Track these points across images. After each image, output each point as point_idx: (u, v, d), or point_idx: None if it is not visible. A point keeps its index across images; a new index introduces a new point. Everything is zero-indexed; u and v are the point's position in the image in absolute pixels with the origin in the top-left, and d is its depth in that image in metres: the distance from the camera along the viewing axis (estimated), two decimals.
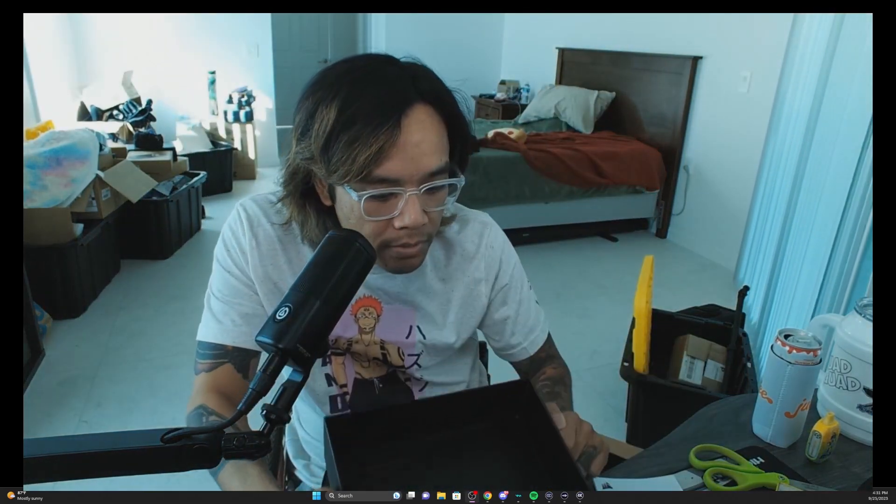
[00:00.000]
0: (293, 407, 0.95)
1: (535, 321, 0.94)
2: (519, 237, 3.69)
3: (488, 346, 1.21)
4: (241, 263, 0.83)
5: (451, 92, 0.72)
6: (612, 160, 3.76)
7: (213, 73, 4.90)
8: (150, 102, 4.55)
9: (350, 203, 0.70)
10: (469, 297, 0.88)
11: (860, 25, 1.80)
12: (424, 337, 0.87)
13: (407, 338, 0.87)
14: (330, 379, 0.90)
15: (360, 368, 0.90)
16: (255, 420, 0.56)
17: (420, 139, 0.67)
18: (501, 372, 1.17)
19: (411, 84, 0.68)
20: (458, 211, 0.89)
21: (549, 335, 0.98)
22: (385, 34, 5.66)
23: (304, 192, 0.75)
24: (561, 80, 5.00)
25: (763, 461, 0.81)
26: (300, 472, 1.01)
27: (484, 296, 0.88)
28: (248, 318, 0.83)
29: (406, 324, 0.86)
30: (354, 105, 0.65)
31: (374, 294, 0.86)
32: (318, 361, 0.89)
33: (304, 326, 0.56)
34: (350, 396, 0.90)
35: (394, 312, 0.86)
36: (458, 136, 0.72)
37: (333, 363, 0.90)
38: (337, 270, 0.60)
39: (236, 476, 0.69)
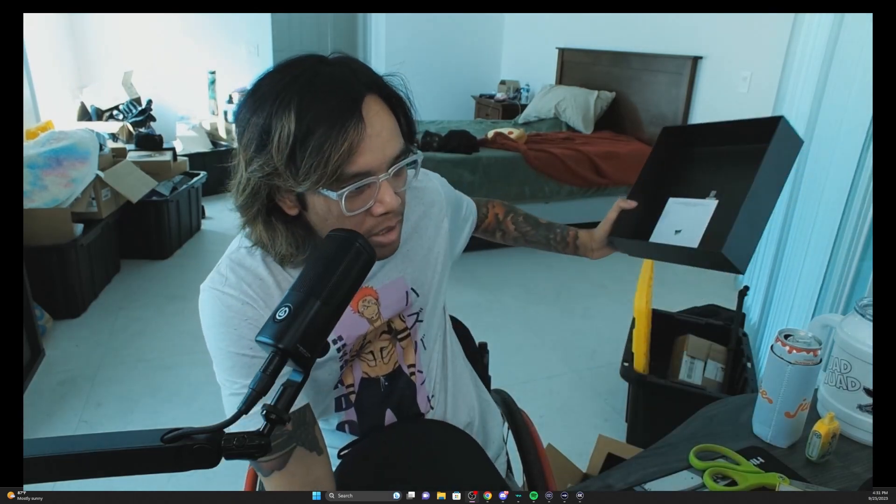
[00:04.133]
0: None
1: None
2: None
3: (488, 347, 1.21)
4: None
5: (385, 77, 0.74)
6: (612, 160, 3.75)
7: (213, 73, 4.90)
8: (150, 102, 4.55)
9: (327, 205, 0.70)
10: (443, 238, 0.94)
11: (860, 25, 1.80)
12: (418, 295, 0.91)
13: (406, 304, 0.90)
14: (336, 381, 0.90)
15: (367, 368, 0.91)
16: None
17: (380, 128, 0.69)
18: (502, 373, 1.17)
19: (354, 78, 0.69)
20: None
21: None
22: (385, 34, 5.66)
23: (268, 209, 0.74)
24: (561, 80, 5.00)
25: (763, 461, 0.81)
26: None
27: (447, 231, 0.95)
28: None
29: (402, 292, 0.89)
30: (312, 110, 0.65)
31: (365, 282, 0.86)
32: (336, 366, 0.89)
33: (304, 326, 0.56)
34: (355, 395, 0.91)
35: (389, 289, 0.88)
36: (404, 116, 0.75)
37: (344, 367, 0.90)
38: (337, 270, 0.60)
39: None
